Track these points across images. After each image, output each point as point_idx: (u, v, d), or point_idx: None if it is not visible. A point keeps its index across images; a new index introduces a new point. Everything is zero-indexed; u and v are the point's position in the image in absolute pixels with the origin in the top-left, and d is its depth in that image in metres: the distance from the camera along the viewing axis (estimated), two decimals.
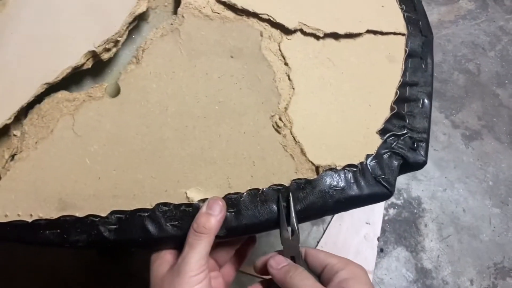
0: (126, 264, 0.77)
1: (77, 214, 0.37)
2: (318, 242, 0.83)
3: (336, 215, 0.84)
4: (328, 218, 0.84)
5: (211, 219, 0.35)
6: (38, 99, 0.39)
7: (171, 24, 0.41)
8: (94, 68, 0.41)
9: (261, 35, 0.41)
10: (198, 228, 0.35)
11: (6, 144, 0.39)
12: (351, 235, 0.84)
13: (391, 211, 0.87)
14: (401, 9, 0.51)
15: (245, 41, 0.41)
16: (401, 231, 0.85)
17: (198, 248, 0.35)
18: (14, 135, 0.39)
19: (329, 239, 0.84)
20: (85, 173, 0.37)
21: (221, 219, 0.36)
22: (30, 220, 0.37)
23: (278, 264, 0.36)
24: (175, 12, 0.43)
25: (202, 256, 0.35)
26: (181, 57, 0.39)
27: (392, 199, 0.87)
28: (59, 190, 0.37)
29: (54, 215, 0.37)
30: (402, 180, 0.88)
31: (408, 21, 0.50)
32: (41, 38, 0.42)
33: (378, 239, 0.83)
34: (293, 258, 0.37)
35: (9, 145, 0.39)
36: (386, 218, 0.86)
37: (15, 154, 0.39)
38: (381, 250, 0.84)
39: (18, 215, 0.38)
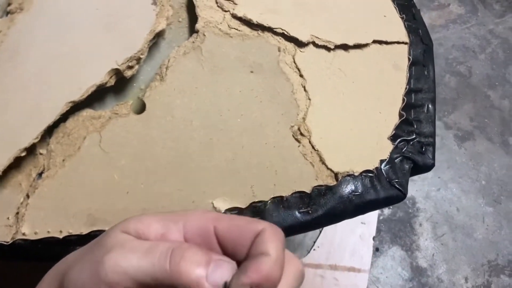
0: None
1: (106, 229, 0.38)
2: (314, 243, 0.84)
3: None
4: None
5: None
6: (63, 117, 0.40)
7: (193, 42, 0.42)
8: (115, 84, 0.42)
9: (279, 51, 0.43)
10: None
11: (33, 163, 0.40)
12: (347, 235, 0.86)
13: (386, 211, 0.90)
14: (402, 18, 0.54)
15: (264, 57, 0.43)
16: (396, 231, 0.88)
17: None
18: (40, 154, 0.40)
19: (325, 240, 0.86)
20: (114, 188, 0.39)
21: None
22: (61, 237, 0.38)
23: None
24: (190, 27, 0.45)
25: None
26: (203, 74, 0.41)
27: None
28: (88, 206, 0.38)
29: (84, 230, 0.38)
30: None
31: (409, 30, 0.53)
32: (60, 56, 0.43)
33: (374, 238, 0.85)
34: None
35: (36, 163, 0.40)
36: (381, 217, 0.89)
37: (42, 172, 0.40)
38: (376, 249, 0.86)
39: (48, 232, 0.38)
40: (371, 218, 0.86)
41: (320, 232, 0.85)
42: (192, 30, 0.44)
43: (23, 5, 0.52)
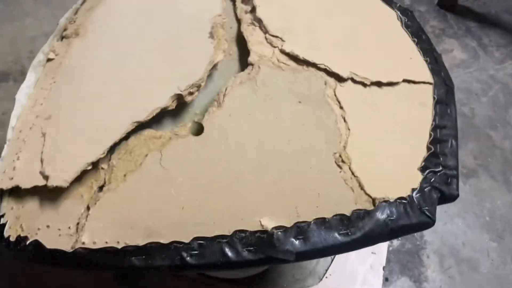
0: (142, 285, 0.79)
1: (161, 241, 0.41)
2: (326, 271, 0.86)
3: None
4: None
5: None
6: (124, 135, 0.44)
7: (249, 73, 0.46)
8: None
9: (325, 84, 0.48)
10: None
11: (95, 176, 0.43)
12: (358, 264, 0.88)
13: (395, 242, 0.92)
14: (426, 61, 0.59)
15: (311, 89, 0.47)
16: (405, 262, 0.90)
17: None
18: (102, 168, 0.43)
19: (336, 268, 0.88)
20: (170, 203, 0.42)
21: None
22: (119, 247, 0.40)
23: None
24: (240, 60, 0.49)
25: None
26: (256, 102, 0.45)
27: None
28: (145, 219, 0.41)
29: (140, 242, 0.41)
30: None
31: (432, 71, 0.58)
32: (119, 79, 0.47)
33: (384, 268, 0.88)
34: None
35: (97, 177, 0.43)
36: (390, 248, 0.91)
37: (103, 186, 0.43)
38: (386, 279, 0.88)
39: (106, 242, 0.41)
40: (381, 248, 0.89)
41: (332, 260, 0.88)
42: (242, 63, 0.48)
43: (78, 31, 0.56)
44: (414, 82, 0.55)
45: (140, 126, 0.44)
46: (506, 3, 1.32)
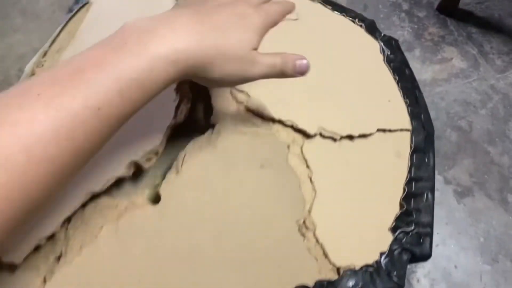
0: None
1: None
2: None
3: None
4: None
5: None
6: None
7: (208, 137, 0.45)
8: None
9: (288, 148, 0.46)
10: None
11: (51, 248, 0.42)
12: None
13: None
14: (406, 103, 0.57)
15: (273, 153, 0.45)
16: None
17: None
18: (58, 239, 0.43)
19: None
20: (127, 276, 0.41)
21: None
22: None
23: None
24: (206, 113, 0.47)
25: None
26: (217, 168, 0.43)
27: None
28: None
29: None
30: None
31: (412, 115, 0.55)
32: None
33: None
34: None
35: (54, 248, 0.42)
36: None
37: (60, 257, 0.42)
38: None
39: None
40: None
41: None
42: (207, 122, 0.47)
43: None
44: (390, 131, 0.53)
45: (98, 194, 0.43)
46: (511, 6, 1.27)
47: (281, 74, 0.40)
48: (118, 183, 0.45)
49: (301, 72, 0.40)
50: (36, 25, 1.15)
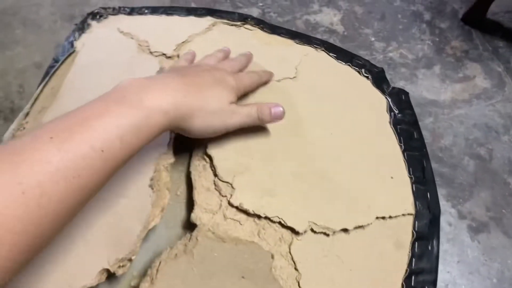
0: None
1: None
2: None
3: None
4: None
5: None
6: None
7: (185, 245, 0.41)
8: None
9: (272, 258, 0.42)
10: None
11: None
12: None
13: None
14: (410, 179, 0.52)
15: (256, 263, 0.41)
16: None
17: None
18: None
19: None
20: None
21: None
22: None
23: None
24: (188, 203, 0.44)
25: None
26: (193, 278, 0.40)
27: None
28: None
29: None
30: None
31: (416, 194, 0.51)
32: (50, 256, 0.42)
33: None
34: None
35: None
36: None
37: None
38: None
39: None
40: None
41: None
42: (190, 206, 0.43)
43: None
44: (390, 217, 0.48)
45: None
46: None
47: (259, 121, 0.47)
48: None
49: (277, 118, 0.48)
50: (37, 36, 1.12)
